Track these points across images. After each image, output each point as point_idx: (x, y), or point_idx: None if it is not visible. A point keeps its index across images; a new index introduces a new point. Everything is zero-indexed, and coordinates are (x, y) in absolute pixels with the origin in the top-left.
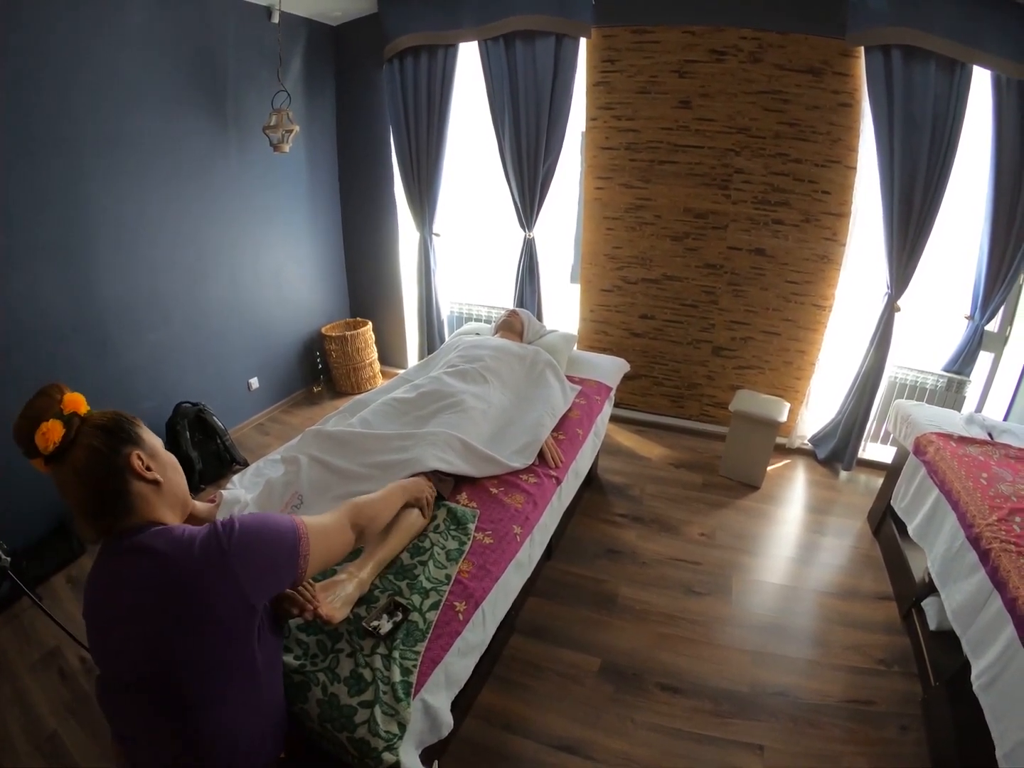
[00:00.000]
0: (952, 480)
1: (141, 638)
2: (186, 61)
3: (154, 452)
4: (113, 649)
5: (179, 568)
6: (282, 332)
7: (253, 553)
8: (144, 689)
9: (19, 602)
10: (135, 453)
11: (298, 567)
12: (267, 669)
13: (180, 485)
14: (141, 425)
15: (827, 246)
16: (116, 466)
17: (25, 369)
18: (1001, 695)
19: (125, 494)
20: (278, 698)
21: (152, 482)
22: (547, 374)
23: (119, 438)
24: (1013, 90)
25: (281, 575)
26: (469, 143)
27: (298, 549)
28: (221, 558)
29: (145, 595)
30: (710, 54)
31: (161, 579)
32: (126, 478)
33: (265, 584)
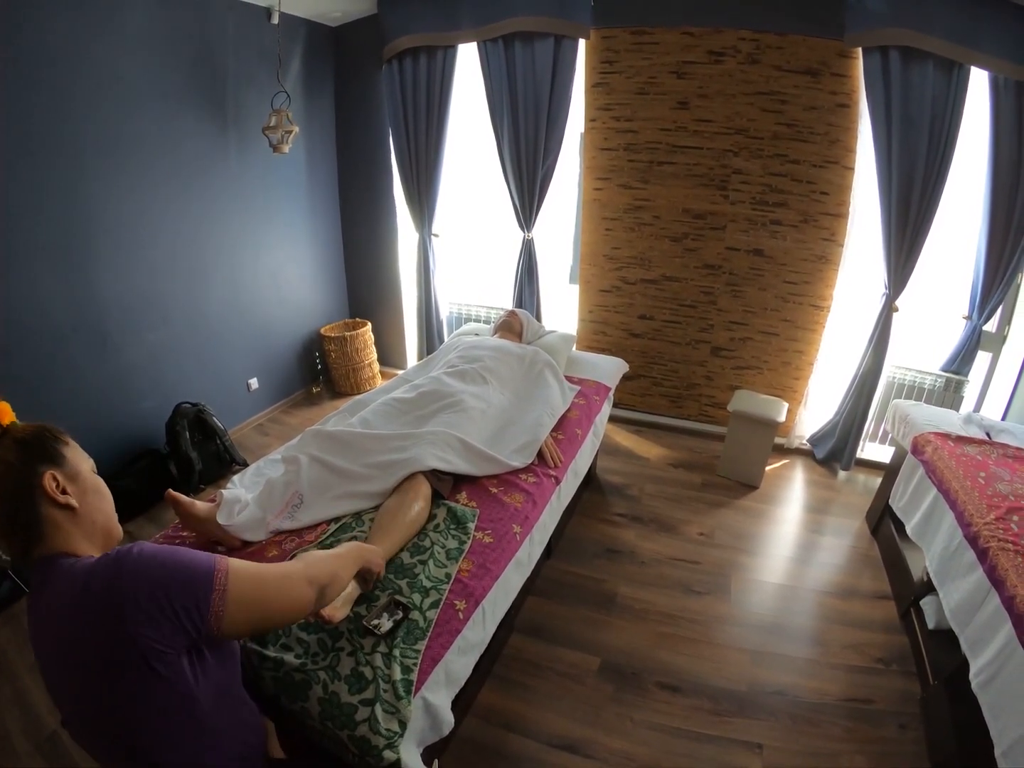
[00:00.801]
0: (950, 479)
1: (65, 685)
2: (186, 62)
3: (75, 474)
4: (53, 688)
5: (73, 612)
6: (282, 332)
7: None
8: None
9: (19, 602)
10: (49, 473)
11: (210, 606)
12: (216, 700)
13: (103, 511)
14: (69, 443)
15: (825, 246)
16: (27, 485)
17: (25, 369)
18: (999, 693)
19: (35, 518)
20: (243, 722)
21: (65, 507)
22: (546, 374)
23: (36, 455)
24: (1010, 91)
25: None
26: (468, 144)
27: (211, 584)
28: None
29: (55, 639)
30: (708, 55)
31: (62, 624)
32: (36, 500)
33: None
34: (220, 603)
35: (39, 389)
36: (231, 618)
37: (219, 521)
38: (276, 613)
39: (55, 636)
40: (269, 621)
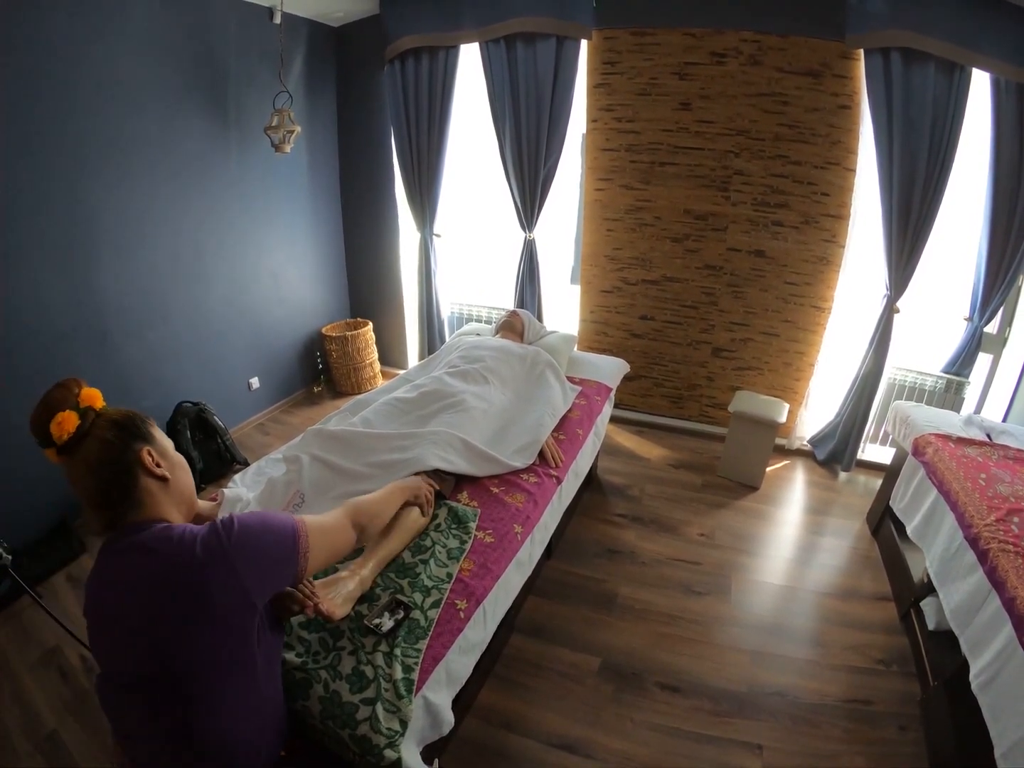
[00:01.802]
0: (951, 481)
1: (142, 636)
2: (188, 62)
3: (164, 451)
4: (113, 647)
5: (181, 566)
6: (282, 332)
7: (254, 551)
8: (144, 687)
9: (19, 600)
10: (146, 449)
11: (298, 564)
12: (266, 668)
13: (188, 485)
14: (154, 424)
15: (826, 248)
16: (127, 460)
17: (25, 368)
18: (999, 694)
19: (133, 488)
20: (277, 697)
21: (160, 478)
22: (547, 374)
23: (131, 434)
24: (1012, 93)
25: (282, 572)
26: (470, 144)
27: (298, 546)
28: (223, 556)
29: (146, 593)
30: (710, 56)
31: (163, 577)
32: (136, 472)
33: (266, 581)
34: (304, 560)
35: (40, 388)
36: (312, 563)
37: None
38: (334, 556)
39: (147, 588)
40: (332, 559)
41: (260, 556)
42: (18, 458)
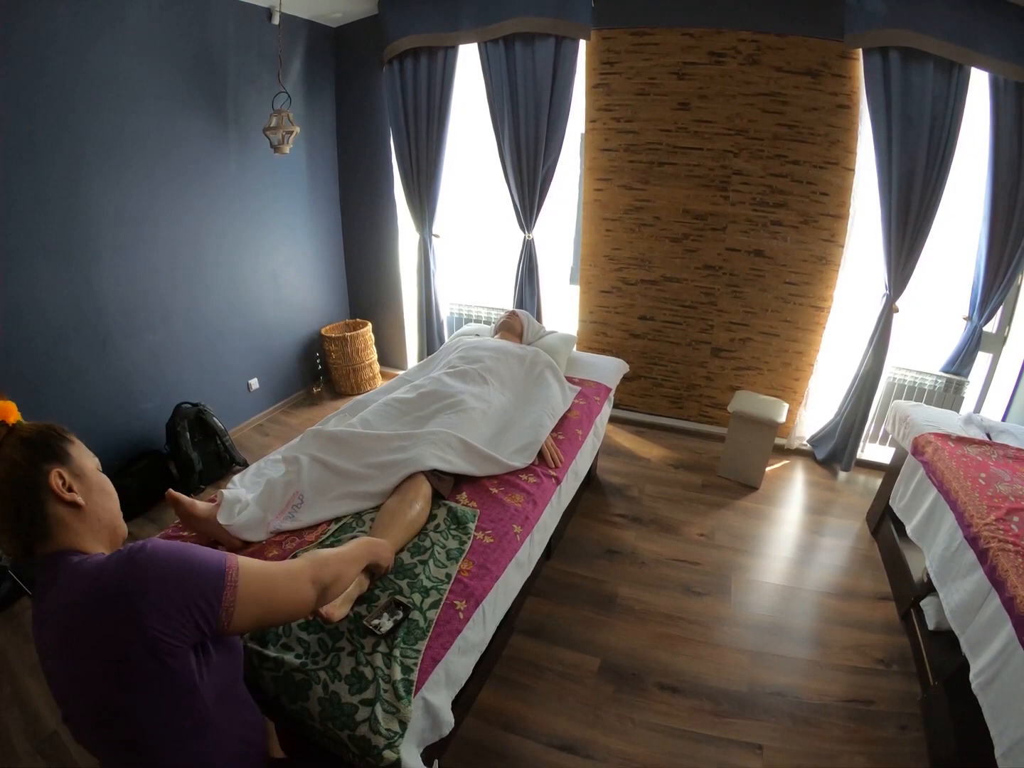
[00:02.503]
0: (950, 480)
1: (68, 680)
2: (187, 62)
3: (81, 472)
4: (58, 688)
5: (82, 607)
6: (282, 333)
7: (159, 584)
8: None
9: (19, 602)
10: (55, 471)
11: (222, 603)
12: (218, 696)
13: (108, 509)
14: (74, 441)
15: (825, 247)
16: (33, 483)
17: (26, 369)
18: (999, 694)
19: (41, 515)
20: (244, 719)
21: (71, 504)
22: (547, 375)
23: (42, 453)
24: (1011, 92)
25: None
26: (469, 144)
27: (223, 582)
28: (121, 591)
29: (60, 634)
30: (709, 56)
31: (69, 618)
32: (42, 498)
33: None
34: (231, 600)
35: (40, 389)
36: (240, 614)
37: (219, 521)
38: (281, 610)
39: (63, 629)
40: (274, 617)
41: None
42: None
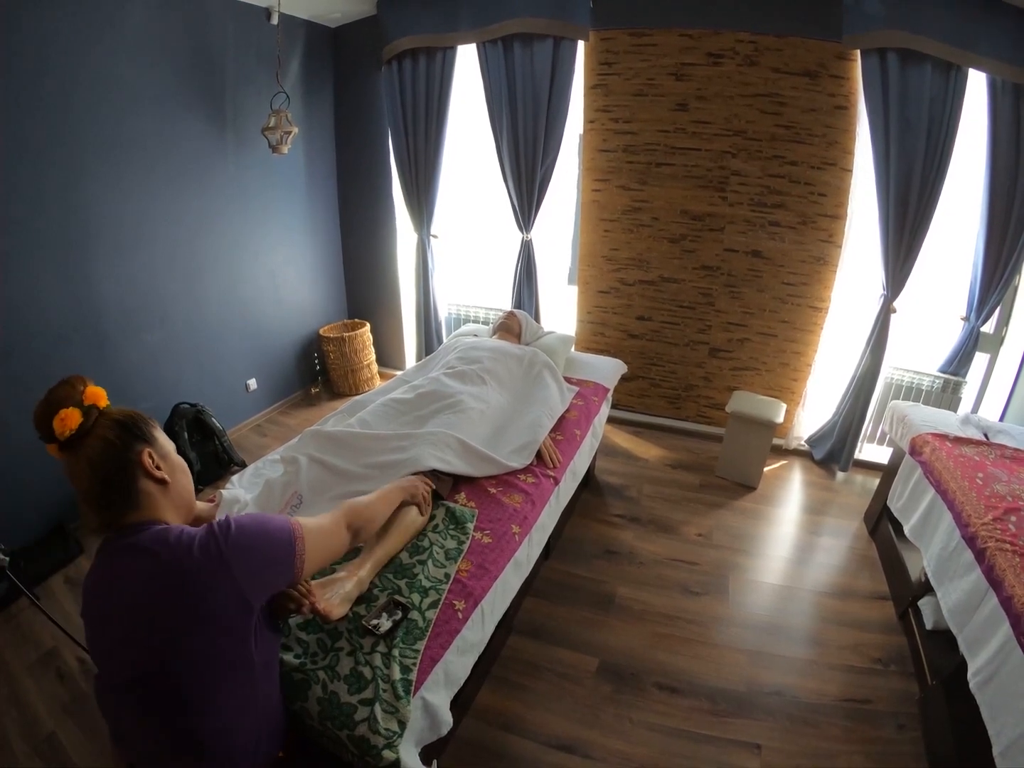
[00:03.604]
0: (948, 480)
1: (139, 636)
2: (185, 62)
3: (165, 453)
4: (111, 647)
5: (177, 567)
6: (280, 333)
7: (250, 553)
8: (141, 688)
9: (17, 602)
10: (147, 451)
11: (295, 567)
12: (263, 669)
13: (187, 488)
14: (156, 426)
15: (823, 248)
16: (127, 460)
17: (24, 370)
18: (997, 693)
19: (132, 489)
20: (275, 698)
21: (160, 481)
22: (545, 375)
23: (133, 434)
24: (1008, 93)
25: (278, 575)
26: (467, 145)
27: (294, 549)
28: (219, 558)
29: (144, 594)
30: (707, 57)
31: (160, 578)
32: (135, 473)
33: (262, 583)
34: (301, 562)
35: (39, 390)
36: (307, 566)
37: None
38: (329, 559)
39: (144, 589)
40: (326, 561)
41: (256, 559)
42: (17, 460)
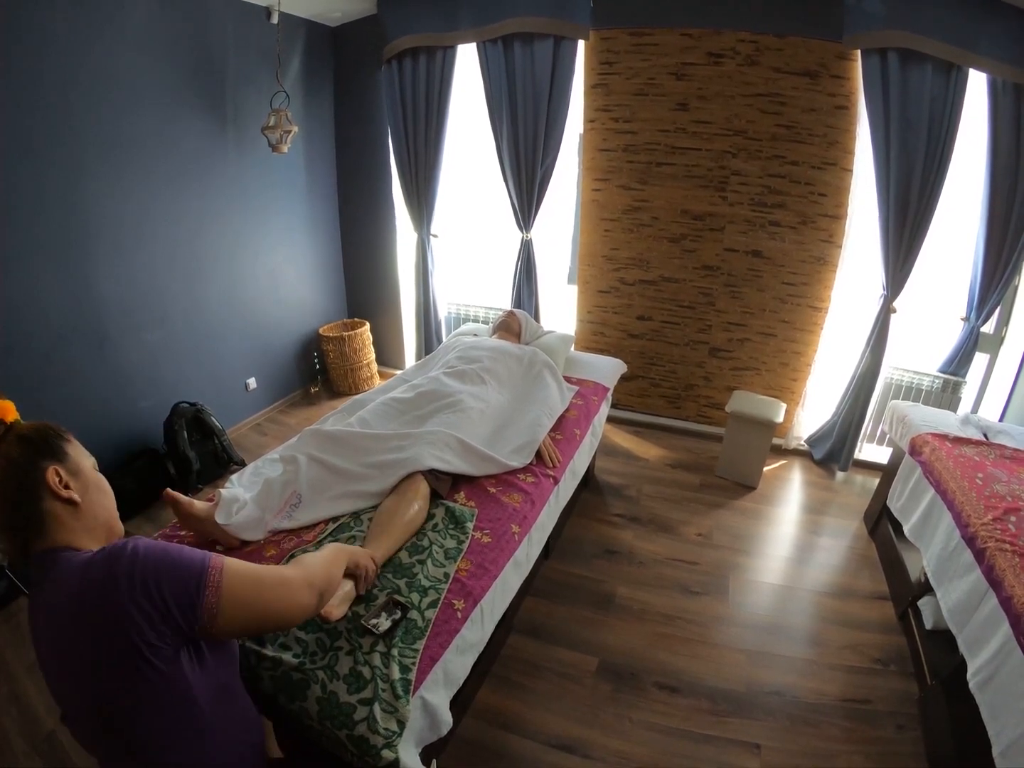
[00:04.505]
0: (948, 480)
1: (63, 678)
2: (185, 61)
3: (77, 470)
4: (56, 687)
5: (71, 604)
6: (280, 332)
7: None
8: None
9: (16, 601)
10: (52, 468)
11: (203, 601)
12: (213, 695)
13: (105, 508)
14: (71, 441)
15: (823, 248)
16: (30, 480)
17: (24, 369)
18: (997, 693)
19: (38, 512)
20: (242, 717)
21: (67, 501)
22: (545, 375)
23: (39, 451)
24: (1009, 93)
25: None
26: (467, 144)
27: (203, 581)
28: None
29: (54, 631)
30: (707, 57)
31: (61, 613)
32: (39, 494)
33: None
34: (214, 600)
35: (38, 389)
36: (226, 616)
37: (217, 520)
38: (274, 615)
39: (56, 628)
40: (267, 623)
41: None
42: None
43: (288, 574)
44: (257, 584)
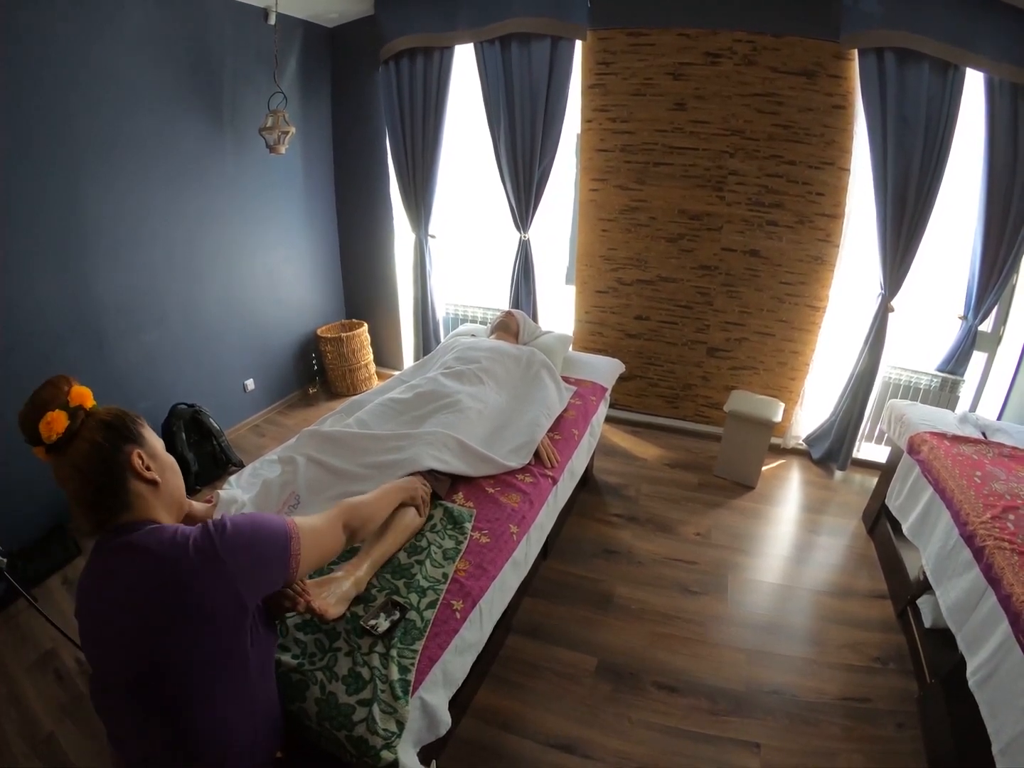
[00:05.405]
0: (946, 479)
1: (134, 635)
2: (183, 62)
3: (155, 453)
4: (106, 647)
5: (172, 567)
6: (278, 333)
7: (245, 552)
8: (136, 688)
9: (15, 603)
10: (136, 452)
11: (289, 566)
12: (260, 668)
13: (178, 487)
14: (145, 425)
15: (821, 247)
16: (116, 463)
17: (22, 370)
18: (996, 691)
19: (123, 491)
20: (272, 697)
21: (150, 482)
22: (543, 375)
23: (122, 435)
24: (1006, 92)
25: (273, 574)
26: (465, 145)
27: (289, 549)
28: (214, 557)
29: (138, 593)
30: (705, 56)
31: (154, 577)
32: (125, 475)
33: (257, 583)
34: (296, 562)
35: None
36: (302, 566)
37: None
38: (325, 558)
39: (139, 587)
40: (321, 561)
41: (251, 558)
42: (14, 460)
43: (332, 517)
44: (318, 535)
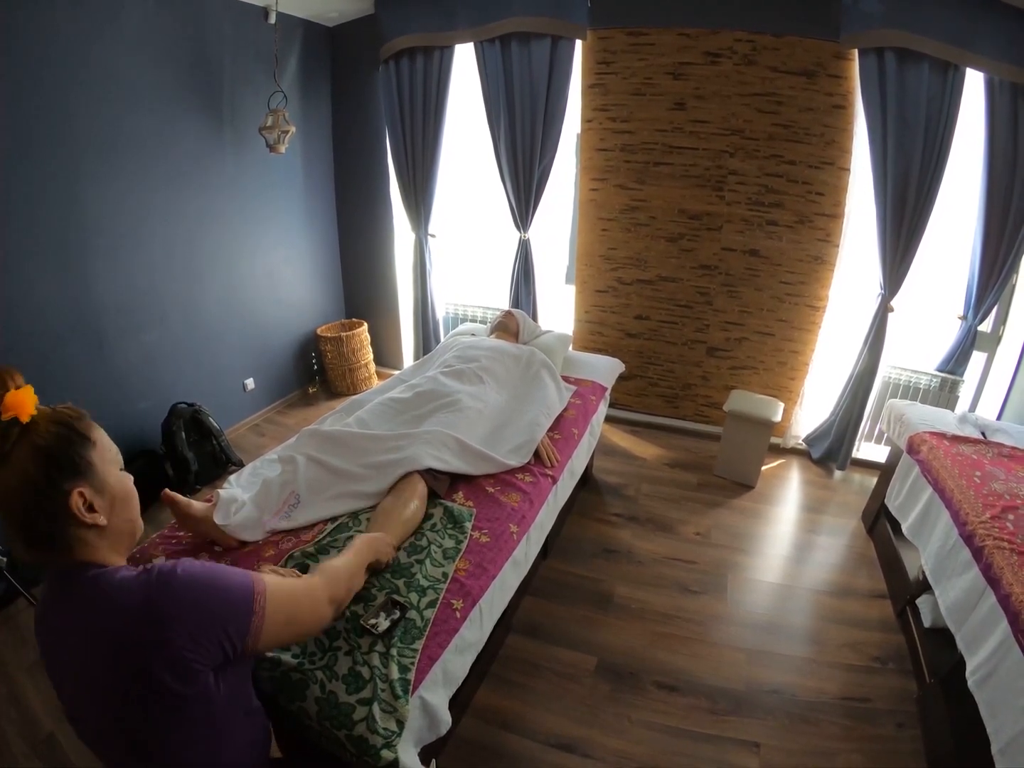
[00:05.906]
0: (945, 479)
1: (82, 689)
2: (183, 62)
3: (103, 485)
4: (70, 697)
5: (108, 625)
6: (278, 333)
7: (192, 611)
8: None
9: (15, 603)
10: (77, 491)
11: (250, 626)
12: (231, 701)
13: (129, 520)
14: (94, 439)
15: (821, 247)
16: (52, 504)
17: (22, 370)
18: (995, 690)
19: (59, 536)
20: (250, 726)
21: (93, 526)
22: (543, 374)
23: (60, 468)
24: (1006, 92)
25: (230, 634)
26: (465, 144)
27: (252, 607)
28: (156, 621)
29: (79, 648)
30: (705, 56)
31: (92, 634)
32: (61, 521)
33: (207, 648)
34: (259, 625)
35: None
36: (265, 637)
37: (216, 521)
38: (302, 630)
39: (83, 644)
40: (293, 637)
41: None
42: None
43: (314, 587)
44: (293, 603)
